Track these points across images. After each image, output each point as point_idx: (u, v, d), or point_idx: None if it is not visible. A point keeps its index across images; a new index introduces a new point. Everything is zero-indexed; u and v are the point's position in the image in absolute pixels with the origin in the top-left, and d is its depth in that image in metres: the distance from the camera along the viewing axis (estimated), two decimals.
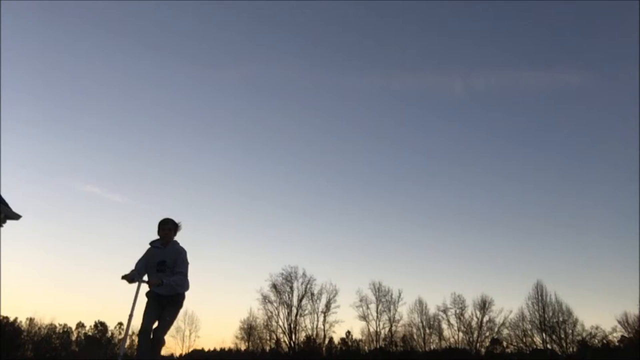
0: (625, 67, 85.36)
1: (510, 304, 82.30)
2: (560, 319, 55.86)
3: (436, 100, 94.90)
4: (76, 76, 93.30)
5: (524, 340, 57.51)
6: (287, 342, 60.65)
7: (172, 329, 65.79)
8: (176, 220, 6.08)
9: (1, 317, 60.51)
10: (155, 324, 5.80)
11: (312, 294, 62.03)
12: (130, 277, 5.83)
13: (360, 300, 62.18)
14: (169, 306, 5.85)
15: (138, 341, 5.72)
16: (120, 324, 71.79)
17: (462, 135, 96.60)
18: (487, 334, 59.86)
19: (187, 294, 6.04)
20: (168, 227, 6.01)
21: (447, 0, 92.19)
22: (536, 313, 56.72)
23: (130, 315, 5.59)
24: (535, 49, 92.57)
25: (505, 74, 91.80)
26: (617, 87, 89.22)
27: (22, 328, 65.64)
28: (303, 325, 61.63)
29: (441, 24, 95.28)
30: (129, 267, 6.17)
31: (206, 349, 71.46)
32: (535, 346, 56.68)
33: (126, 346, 5.99)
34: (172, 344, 65.18)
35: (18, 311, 76.52)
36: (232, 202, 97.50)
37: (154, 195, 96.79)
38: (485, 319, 59.31)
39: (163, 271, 5.82)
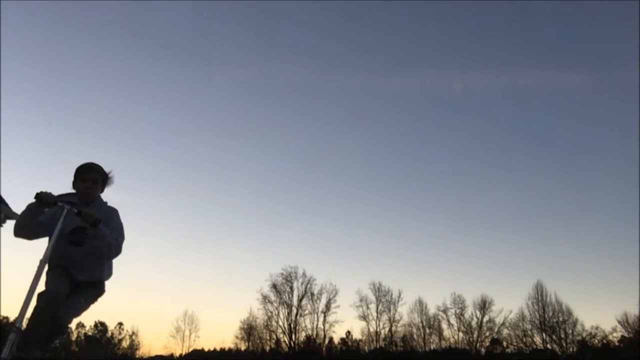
0: (626, 66, 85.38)
1: (510, 304, 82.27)
2: (560, 319, 55.93)
3: (435, 99, 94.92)
4: (75, 76, 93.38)
5: (524, 340, 57.56)
6: (287, 342, 60.75)
7: (172, 329, 65.96)
8: (106, 170, 3.99)
9: (1, 317, 60.56)
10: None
11: (312, 294, 62.16)
12: (52, 200, 3.54)
13: (360, 300, 62.30)
14: (87, 290, 4.09)
15: (36, 307, 3.62)
16: (121, 324, 71.95)
17: (462, 134, 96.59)
18: (487, 334, 59.94)
19: (187, 292, 4.48)
20: (92, 178, 3.90)
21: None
22: (536, 313, 56.80)
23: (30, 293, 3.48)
24: (535, 48, 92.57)
25: (505, 73, 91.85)
26: (618, 86, 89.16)
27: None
28: (303, 325, 61.77)
29: (440, 23, 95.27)
30: (129, 265, 5.62)
31: (206, 349, 71.49)
32: (535, 346, 56.71)
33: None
34: (172, 344, 65.37)
35: (18, 311, 76.41)
36: (231, 202, 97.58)
37: (152, 195, 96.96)
38: (485, 319, 59.42)
39: (79, 244, 3.79)
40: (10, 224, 16.00)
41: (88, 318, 77.42)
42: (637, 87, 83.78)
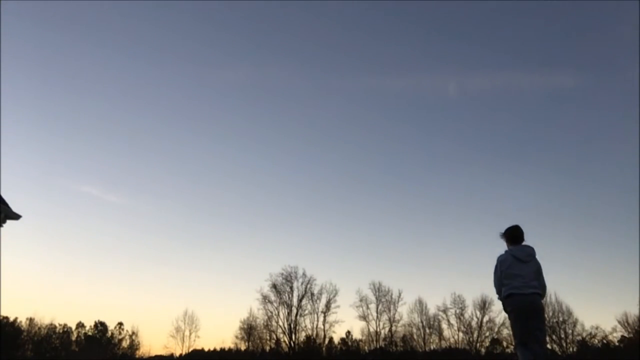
0: (620, 69, 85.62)
1: None
2: (560, 319, 55.90)
3: (430, 101, 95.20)
4: (74, 76, 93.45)
5: None
6: (287, 342, 60.68)
7: (172, 329, 65.98)
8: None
9: (1, 317, 60.52)
10: None
11: (312, 294, 62.12)
12: None
13: (360, 300, 62.27)
14: None
15: None
16: (121, 324, 71.90)
17: (461, 135, 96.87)
18: (487, 334, 59.91)
19: (187, 292, 4.72)
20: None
21: (441, 1, 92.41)
22: None
23: None
24: (530, 51, 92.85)
25: (499, 75, 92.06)
26: (612, 88, 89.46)
27: (22, 328, 65.62)
28: (303, 325, 61.72)
29: (435, 25, 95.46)
30: (129, 265, 5.63)
31: (206, 349, 71.48)
32: None
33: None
34: (172, 344, 65.33)
35: (18, 311, 76.39)
36: (231, 202, 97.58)
37: (151, 196, 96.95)
38: (485, 319, 59.39)
39: None
40: (10, 224, 16.01)
41: (88, 318, 77.59)
42: (636, 88, 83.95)
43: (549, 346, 55.40)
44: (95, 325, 72.19)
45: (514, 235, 6.07)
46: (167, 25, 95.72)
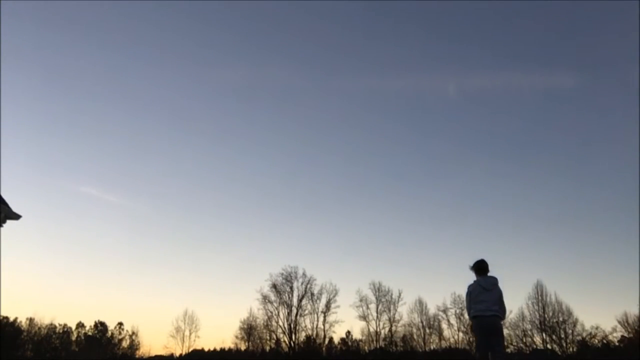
0: (619, 69, 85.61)
1: (510, 304, 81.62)
2: (560, 319, 55.84)
3: (430, 102, 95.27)
4: (73, 77, 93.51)
5: (524, 340, 57.48)
6: (287, 342, 60.68)
7: (172, 329, 66.02)
8: None
9: (1, 317, 60.53)
10: None
11: (312, 294, 62.12)
12: None
13: (360, 300, 62.26)
14: None
15: None
16: (121, 324, 71.91)
17: (459, 136, 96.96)
18: None
19: (187, 292, 5.52)
20: None
21: (441, 1, 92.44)
22: (536, 313, 56.72)
23: None
24: (529, 51, 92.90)
25: (499, 75, 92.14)
26: (611, 88, 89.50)
27: (22, 328, 65.63)
28: (303, 325, 61.74)
29: (435, 26, 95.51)
30: (129, 266, 5.70)
31: (206, 349, 71.53)
32: (535, 346, 56.62)
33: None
34: (172, 344, 65.32)
35: (18, 311, 76.50)
36: (231, 202, 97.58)
37: (150, 196, 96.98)
38: None
39: None
40: (10, 224, 16.01)
41: (88, 318, 77.58)
42: (636, 88, 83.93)
43: (549, 346, 55.78)
44: (95, 325, 72.21)
45: (480, 268, 7.41)
46: (166, 26, 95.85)
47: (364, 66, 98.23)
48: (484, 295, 7.09)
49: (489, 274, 7.37)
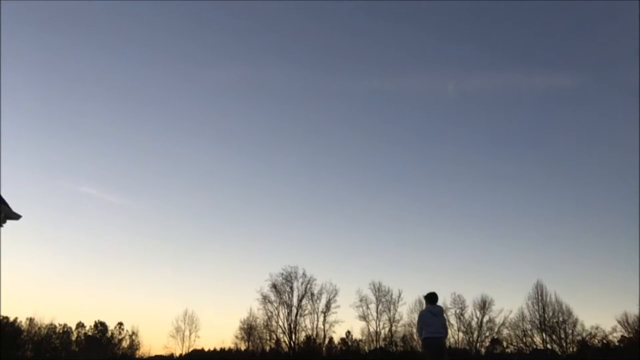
0: (619, 69, 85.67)
1: (510, 304, 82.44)
2: (560, 319, 55.85)
3: (430, 102, 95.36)
4: (73, 78, 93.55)
5: (524, 340, 57.51)
6: (287, 342, 60.66)
7: (172, 329, 65.96)
8: None
9: (1, 317, 60.53)
10: None
11: (312, 294, 62.05)
12: None
13: (360, 300, 62.20)
14: None
15: None
16: (121, 324, 71.90)
17: (458, 136, 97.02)
18: (487, 334, 59.88)
19: (187, 292, 5.82)
20: None
21: (440, 1, 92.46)
22: (536, 313, 56.72)
23: None
24: (529, 51, 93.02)
25: (498, 75, 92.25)
26: (611, 88, 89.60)
27: (22, 328, 65.62)
28: (303, 325, 61.68)
29: (434, 26, 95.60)
30: (129, 266, 5.73)
31: (206, 349, 71.54)
32: (535, 346, 56.63)
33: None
34: (172, 344, 65.31)
35: (18, 311, 76.52)
36: (232, 203, 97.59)
37: (150, 196, 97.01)
38: (485, 319, 59.35)
39: None
40: (10, 224, 16.01)
41: (88, 318, 77.61)
42: (636, 88, 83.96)
43: (549, 346, 55.78)
44: (95, 325, 72.21)
45: (431, 298, 9.00)
46: (165, 27, 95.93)
47: (364, 66, 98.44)
48: (433, 320, 8.68)
49: (437, 304, 9.00)
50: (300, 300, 61.61)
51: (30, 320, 66.28)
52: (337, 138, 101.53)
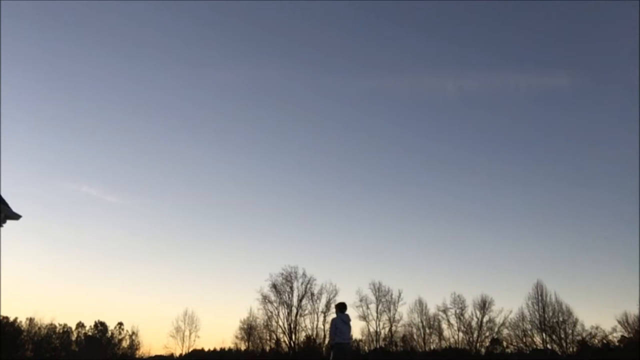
0: (618, 69, 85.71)
1: (510, 304, 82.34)
2: (560, 319, 55.81)
3: (429, 102, 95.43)
4: (73, 78, 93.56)
5: (524, 340, 57.48)
6: (287, 342, 60.65)
7: (172, 329, 65.96)
8: None
9: (1, 317, 60.51)
10: None
11: (312, 294, 62.02)
12: None
13: (360, 300, 62.15)
14: None
15: None
16: (121, 324, 71.88)
17: (458, 136, 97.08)
18: (487, 334, 59.84)
19: (187, 292, 6.00)
20: None
21: (440, 2, 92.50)
22: (536, 313, 56.67)
23: None
24: (527, 51, 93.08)
25: (496, 75, 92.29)
26: (610, 89, 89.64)
27: (22, 328, 65.61)
28: (303, 325, 61.66)
29: (433, 26, 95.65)
30: (129, 266, 5.76)
31: (206, 349, 71.53)
32: (535, 346, 56.61)
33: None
34: (172, 344, 65.31)
35: (18, 311, 76.49)
36: (231, 203, 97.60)
37: (150, 196, 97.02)
38: (485, 319, 59.32)
39: None
40: (10, 224, 16.01)
41: (88, 318, 77.61)
42: (635, 88, 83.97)
43: (548, 346, 55.77)
44: (95, 325, 72.20)
45: (342, 307, 10.57)
46: (165, 27, 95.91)
47: (363, 67, 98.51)
48: (344, 327, 10.07)
49: (346, 312, 10.47)
50: (300, 300, 61.66)
51: (30, 320, 66.33)
52: (337, 138, 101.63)
